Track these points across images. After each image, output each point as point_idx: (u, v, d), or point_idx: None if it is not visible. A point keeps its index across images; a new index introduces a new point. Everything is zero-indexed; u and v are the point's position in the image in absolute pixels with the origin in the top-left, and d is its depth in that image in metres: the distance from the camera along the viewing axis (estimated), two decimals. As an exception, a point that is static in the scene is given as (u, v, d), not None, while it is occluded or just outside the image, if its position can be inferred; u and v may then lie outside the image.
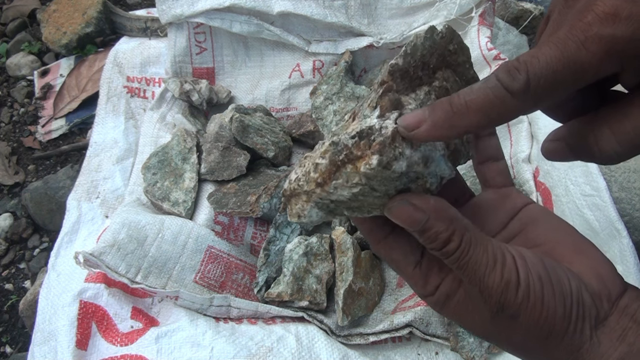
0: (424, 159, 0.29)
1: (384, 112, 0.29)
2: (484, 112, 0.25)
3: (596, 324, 0.28)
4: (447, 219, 0.28)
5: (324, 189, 0.29)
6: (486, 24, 0.88)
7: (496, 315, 0.28)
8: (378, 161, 0.27)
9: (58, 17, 1.07)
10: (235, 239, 0.79)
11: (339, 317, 0.69)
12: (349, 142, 0.28)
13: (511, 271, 0.27)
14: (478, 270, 0.27)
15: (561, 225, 0.33)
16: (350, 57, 0.92)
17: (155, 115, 0.91)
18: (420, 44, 0.30)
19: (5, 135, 1.03)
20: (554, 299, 0.28)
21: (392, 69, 0.30)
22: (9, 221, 0.92)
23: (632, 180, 0.67)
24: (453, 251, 0.27)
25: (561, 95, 0.25)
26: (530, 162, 0.81)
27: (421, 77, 0.31)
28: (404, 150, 0.27)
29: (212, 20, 0.90)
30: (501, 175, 0.36)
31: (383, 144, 0.27)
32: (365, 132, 0.28)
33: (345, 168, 0.28)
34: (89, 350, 0.65)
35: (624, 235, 0.63)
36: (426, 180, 0.29)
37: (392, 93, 0.29)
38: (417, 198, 0.28)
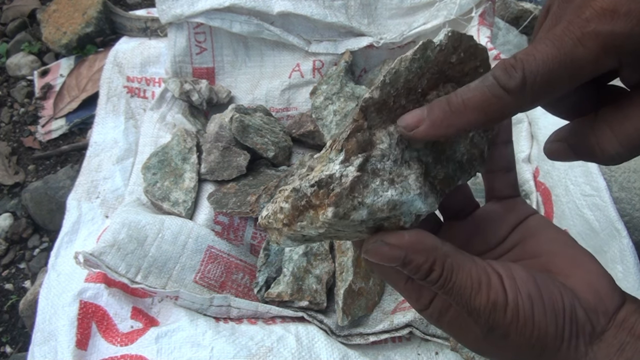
0: (390, 204, 0.27)
1: (349, 156, 0.27)
2: (481, 110, 0.25)
3: (591, 340, 0.28)
4: (425, 251, 0.27)
5: (292, 228, 0.29)
6: (486, 24, 0.88)
7: (487, 335, 0.28)
8: (333, 213, 0.26)
9: (58, 17, 1.07)
10: (235, 239, 0.79)
11: (339, 317, 0.69)
12: (308, 191, 0.28)
13: (497, 292, 0.27)
14: (464, 294, 0.27)
15: (560, 237, 0.32)
16: (350, 57, 0.92)
17: (155, 115, 0.92)
18: (404, 69, 0.29)
19: (5, 135, 1.03)
20: (545, 318, 0.27)
21: (366, 104, 0.28)
22: (9, 221, 0.92)
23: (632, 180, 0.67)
24: (436, 279, 0.27)
25: (558, 93, 0.25)
26: (530, 162, 0.81)
27: (404, 105, 0.29)
28: (364, 200, 0.27)
29: (212, 20, 0.90)
30: (509, 187, 0.35)
31: (340, 195, 0.26)
32: (324, 181, 0.27)
33: (308, 212, 0.28)
34: (89, 350, 0.65)
35: (624, 235, 0.63)
36: (399, 219, 0.28)
37: (361, 133, 0.28)
38: (391, 236, 0.28)
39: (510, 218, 0.34)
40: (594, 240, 0.67)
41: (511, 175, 0.35)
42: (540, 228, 0.33)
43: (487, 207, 0.35)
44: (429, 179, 0.30)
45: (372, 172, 0.28)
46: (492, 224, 0.34)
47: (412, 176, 0.29)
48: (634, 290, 0.61)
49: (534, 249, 0.32)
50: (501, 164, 0.34)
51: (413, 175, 0.29)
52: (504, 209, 0.34)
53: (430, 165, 0.30)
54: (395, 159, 0.28)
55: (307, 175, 0.29)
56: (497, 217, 0.34)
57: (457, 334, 0.31)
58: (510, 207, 0.34)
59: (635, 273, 0.61)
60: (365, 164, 0.27)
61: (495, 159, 0.34)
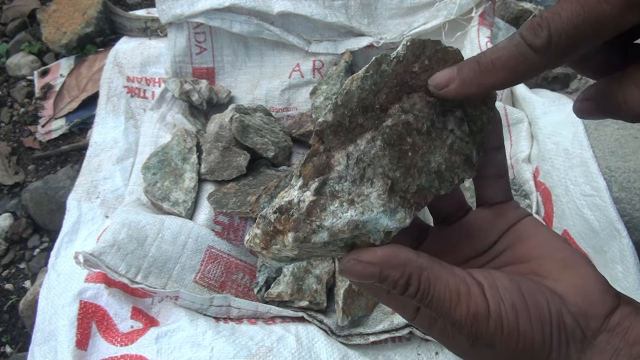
0: (351, 225, 0.28)
1: (306, 181, 0.28)
2: (509, 69, 0.26)
3: (583, 346, 0.28)
4: (400, 265, 0.27)
5: (269, 251, 0.30)
6: (486, 24, 0.88)
7: (473, 345, 0.28)
8: (294, 238, 0.27)
9: (58, 17, 1.07)
10: (235, 239, 0.79)
11: (339, 317, 0.69)
12: (272, 218, 0.29)
13: (478, 302, 0.27)
14: (443, 307, 0.27)
15: (550, 241, 0.32)
16: (350, 57, 0.92)
17: (155, 115, 0.92)
18: (356, 89, 0.29)
19: (5, 135, 1.03)
20: (530, 327, 0.27)
21: (320, 128, 0.28)
22: (9, 221, 0.92)
23: (632, 180, 0.67)
24: (414, 293, 0.27)
25: (584, 50, 0.25)
26: (530, 162, 0.81)
27: (362, 123, 0.29)
28: (322, 223, 0.27)
29: (212, 20, 0.90)
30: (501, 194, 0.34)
31: (298, 220, 0.27)
32: (284, 207, 0.28)
33: (278, 237, 0.29)
34: (89, 350, 0.65)
35: (624, 235, 0.63)
36: (368, 237, 0.28)
37: (317, 157, 0.28)
38: (363, 254, 0.28)
39: (499, 224, 0.33)
40: (594, 240, 0.67)
41: (503, 181, 0.34)
42: (530, 232, 0.32)
43: (477, 213, 0.34)
44: (399, 194, 0.29)
45: (330, 194, 0.28)
46: (481, 230, 0.34)
47: (373, 194, 0.28)
48: (634, 290, 0.61)
49: (523, 253, 0.32)
50: (492, 171, 0.34)
51: (375, 192, 0.28)
52: (494, 215, 0.34)
53: (398, 179, 0.29)
54: (354, 179, 0.28)
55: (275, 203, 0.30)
56: (486, 222, 0.34)
57: (447, 343, 0.31)
58: (501, 213, 0.34)
59: (635, 273, 0.61)
60: (323, 187, 0.28)
61: (485, 166, 0.33)
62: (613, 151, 0.70)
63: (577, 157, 0.72)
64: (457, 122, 0.31)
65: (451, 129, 0.31)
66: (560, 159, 0.74)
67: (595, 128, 0.73)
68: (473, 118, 0.32)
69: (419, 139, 0.30)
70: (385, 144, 0.29)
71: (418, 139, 0.30)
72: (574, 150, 0.72)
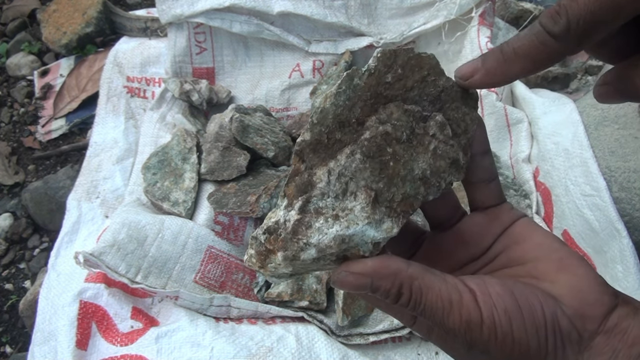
0: (337, 239, 0.28)
1: (291, 200, 0.29)
2: (531, 57, 0.27)
3: (580, 348, 0.27)
4: (390, 275, 0.27)
5: (266, 270, 0.30)
6: (486, 24, 0.88)
7: (469, 351, 0.28)
8: (283, 257, 0.28)
9: (58, 17, 1.07)
10: (235, 239, 0.79)
11: (339, 317, 0.69)
12: (262, 238, 0.29)
13: (470, 310, 0.27)
14: (436, 315, 0.27)
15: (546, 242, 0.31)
16: (350, 57, 0.92)
17: (155, 115, 0.91)
18: (330, 105, 0.29)
19: (5, 135, 1.03)
20: (525, 332, 0.27)
21: (299, 147, 0.29)
22: (9, 221, 0.92)
23: (632, 180, 0.67)
24: (407, 303, 0.27)
25: (602, 34, 0.25)
26: (530, 162, 0.81)
27: (341, 139, 0.29)
28: (309, 240, 0.28)
29: (212, 20, 0.90)
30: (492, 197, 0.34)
31: (285, 239, 0.28)
32: (272, 228, 0.29)
33: (271, 255, 0.29)
34: (89, 350, 0.65)
35: (624, 235, 0.63)
36: (358, 249, 0.29)
37: (299, 176, 0.29)
38: (354, 265, 0.28)
39: (493, 227, 0.33)
40: (594, 240, 0.67)
41: (493, 185, 0.34)
42: (525, 234, 0.32)
43: (471, 218, 0.34)
44: (384, 204, 0.29)
45: (314, 211, 0.29)
46: (476, 235, 0.34)
47: (357, 207, 0.29)
48: (634, 290, 0.61)
49: (518, 255, 0.31)
50: (481, 176, 0.33)
51: (359, 206, 0.29)
52: (488, 219, 0.33)
53: (381, 190, 0.29)
54: (336, 195, 0.29)
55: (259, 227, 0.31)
56: (480, 227, 0.34)
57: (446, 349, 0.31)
58: (494, 216, 0.33)
59: (635, 273, 0.61)
60: (307, 205, 0.28)
61: (473, 171, 0.33)
62: (613, 151, 0.70)
63: (577, 157, 0.72)
64: (438, 126, 0.31)
65: (433, 134, 0.31)
66: (560, 159, 0.74)
67: (595, 128, 0.73)
68: (455, 121, 0.31)
69: (399, 148, 0.30)
70: (365, 157, 0.29)
71: (398, 147, 0.30)
72: (574, 150, 0.72)
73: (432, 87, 0.31)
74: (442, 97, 0.31)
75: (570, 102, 0.80)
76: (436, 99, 0.31)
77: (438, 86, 0.31)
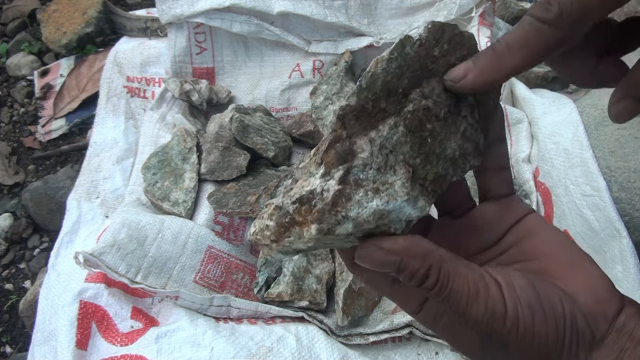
0: (376, 214, 0.26)
1: (329, 169, 0.26)
2: (526, 48, 0.26)
3: (591, 348, 0.28)
4: (421, 255, 0.27)
5: (280, 244, 0.28)
6: (486, 24, 0.88)
7: (485, 344, 0.27)
8: (317, 230, 0.26)
9: (58, 17, 1.07)
10: (235, 239, 0.79)
11: (339, 317, 0.69)
12: (290, 209, 0.27)
13: (496, 301, 0.27)
14: (460, 302, 0.26)
15: (557, 239, 0.32)
16: (350, 57, 0.92)
17: (155, 115, 0.91)
18: (381, 71, 0.28)
19: (5, 135, 1.03)
20: (545, 326, 0.27)
21: (343, 112, 0.27)
22: (9, 221, 0.92)
23: (632, 180, 0.67)
24: (432, 285, 0.27)
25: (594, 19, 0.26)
26: (530, 162, 0.81)
27: (385, 108, 0.28)
28: (348, 213, 0.26)
29: (212, 20, 0.90)
30: (505, 186, 0.34)
31: (322, 211, 0.26)
32: (305, 197, 0.26)
33: (294, 228, 0.27)
34: (89, 350, 0.65)
35: (624, 235, 0.63)
36: (389, 227, 0.27)
37: (340, 143, 0.27)
38: (385, 241, 0.27)
39: (507, 217, 0.33)
40: (594, 240, 0.67)
41: (506, 173, 0.34)
42: (537, 229, 0.32)
43: (483, 207, 0.34)
44: (419, 182, 0.28)
45: (354, 183, 0.26)
46: (488, 224, 0.33)
47: (398, 182, 0.27)
48: (634, 290, 0.61)
49: (530, 250, 0.31)
50: (495, 163, 0.34)
51: (399, 181, 0.27)
52: (501, 208, 0.33)
53: (418, 167, 0.28)
54: (379, 167, 0.27)
55: (290, 189, 0.28)
56: (494, 216, 0.33)
57: (452, 340, 0.30)
58: (507, 206, 0.33)
59: (635, 273, 0.61)
60: (347, 175, 0.26)
61: (488, 157, 0.33)
62: (613, 151, 0.70)
63: (577, 157, 0.72)
64: (469, 108, 0.31)
65: (464, 115, 0.30)
66: (560, 159, 0.74)
67: (595, 128, 0.73)
68: (483, 104, 0.31)
69: (437, 125, 0.29)
70: (407, 130, 0.28)
71: (437, 125, 0.29)
72: (574, 150, 0.72)
73: None
74: None
75: (570, 102, 0.80)
76: None
77: None
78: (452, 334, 0.29)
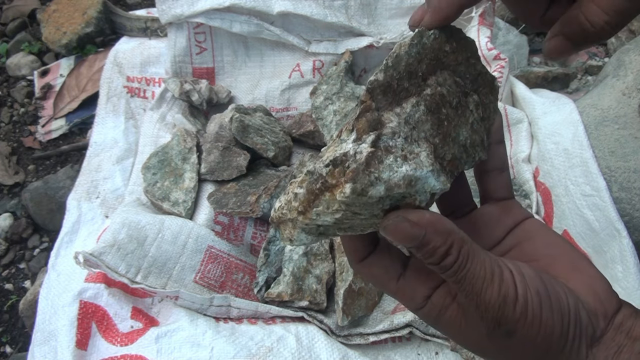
0: (406, 179, 0.27)
1: (360, 134, 0.28)
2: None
3: (592, 342, 0.28)
4: (444, 233, 0.27)
5: (307, 216, 0.29)
6: (486, 24, 0.88)
7: (492, 332, 0.28)
8: (352, 189, 0.26)
9: (58, 17, 1.07)
10: (235, 239, 0.79)
11: (339, 317, 0.69)
12: (323, 171, 0.28)
13: (509, 286, 0.27)
14: (475, 285, 0.27)
15: (557, 241, 0.32)
16: (350, 57, 0.92)
17: (155, 115, 0.91)
18: (404, 53, 0.30)
19: (5, 135, 1.03)
20: (551, 316, 0.27)
21: (372, 86, 0.29)
22: (9, 221, 0.92)
23: (632, 180, 0.67)
24: (451, 265, 0.27)
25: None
26: (530, 162, 0.81)
27: (407, 88, 0.30)
28: (380, 175, 0.27)
29: (212, 20, 0.90)
30: (504, 188, 0.35)
31: (356, 171, 0.26)
32: (339, 159, 0.27)
33: (324, 195, 0.28)
34: (89, 350, 0.65)
35: (624, 235, 0.63)
36: (415, 198, 0.28)
37: (370, 113, 0.28)
38: (412, 213, 0.27)
39: (506, 220, 0.34)
40: (594, 240, 0.67)
41: (505, 175, 0.35)
42: (537, 231, 0.33)
43: (484, 209, 0.35)
44: (439, 160, 0.30)
45: (384, 149, 0.28)
46: (489, 226, 0.34)
47: (423, 153, 0.29)
48: (634, 290, 0.61)
49: (531, 252, 0.32)
50: (495, 164, 0.35)
51: (424, 152, 0.29)
52: (501, 211, 0.34)
53: (438, 146, 0.30)
54: (406, 136, 0.28)
55: (318, 160, 0.30)
56: (494, 218, 0.34)
57: (456, 333, 0.30)
58: (507, 209, 0.34)
59: (635, 273, 0.61)
60: (378, 141, 0.27)
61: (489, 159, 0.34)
62: (613, 151, 0.70)
63: (577, 157, 0.72)
64: (474, 105, 0.32)
65: (471, 110, 0.32)
66: (560, 159, 0.74)
67: (595, 128, 0.73)
68: (485, 106, 0.33)
69: (450, 112, 0.31)
70: (427, 110, 0.30)
71: (450, 111, 0.31)
72: (574, 150, 0.72)
73: (472, 68, 0.33)
74: (479, 80, 0.33)
75: (570, 102, 0.80)
76: (474, 80, 0.33)
77: (476, 69, 0.33)
78: (457, 326, 0.30)
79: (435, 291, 0.30)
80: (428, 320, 0.31)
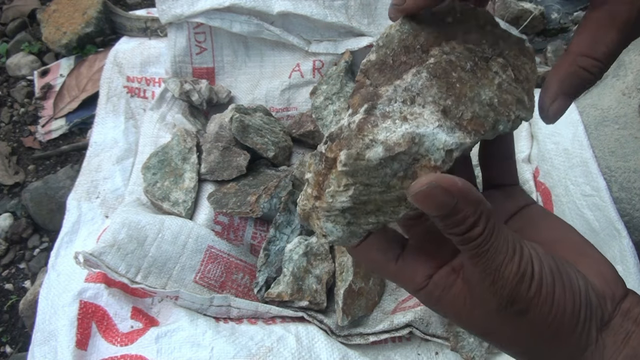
0: (407, 137, 0.26)
1: (355, 108, 0.28)
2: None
3: (601, 325, 0.28)
4: (475, 202, 0.26)
5: (323, 200, 0.28)
6: (486, 24, 0.88)
7: (504, 309, 0.27)
8: (347, 155, 0.26)
9: (58, 17, 1.07)
10: (235, 239, 0.79)
11: (339, 317, 0.69)
12: (323, 148, 0.28)
13: (528, 263, 0.26)
14: (496, 259, 0.26)
15: (562, 226, 0.32)
16: (350, 57, 0.92)
17: (155, 115, 0.92)
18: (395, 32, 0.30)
19: (5, 135, 1.03)
20: (564, 296, 0.27)
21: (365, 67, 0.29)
22: (9, 221, 0.92)
23: (632, 180, 0.67)
24: (476, 236, 0.26)
25: None
26: (530, 162, 0.81)
27: (406, 61, 0.30)
28: (375, 137, 0.26)
29: (212, 20, 0.90)
30: (509, 175, 0.35)
31: (349, 137, 0.26)
32: (334, 133, 0.27)
33: (331, 174, 0.28)
34: (89, 350, 0.65)
35: (624, 235, 0.63)
36: (428, 158, 0.27)
37: (364, 88, 0.29)
38: (444, 180, 0.26)
39: (508, 205, 0.34)
40: (594, 240, 0.67)
41: (510, 163, 0.35)
42: (540, 216, 0.33)
43: (486, 193, 0.35)
44: (454, 120, 0.29)
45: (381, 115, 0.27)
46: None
47: (426, 112, 0.28)
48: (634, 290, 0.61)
49: (534, 236, 0.32)
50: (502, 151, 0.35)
51: (427, 111, 0.28)
52: (503, 196, 0.34)
53: (451, 107, 0.29)
54: (404, 100, 0.28)
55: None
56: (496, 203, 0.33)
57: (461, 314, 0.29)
58: (509, 195, 0.34)
59: (635, 273, 0.62)
60: (372, 109, 0.27)
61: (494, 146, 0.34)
62: (613, 151, 0.70)
63: (577, 157, 0.72)
64: (500, 66, 0.32)
65: (496, 71, 0.31)
66: (560, 159, 0.74)
67: (595, 128, 0.73)
68: (517, 67, 0.32)
69: (464, 75, 0.30)
70: (431, 76, 0.29)
71: (463, 74, 0.30)
72: (574, 150, 0.72)
73: (490, 34, 0.32)
74: (501, 44, 0.32)
75: (570, 102, 0.79)
76: (495, 44, 0.32)
77: (495, 34, 0.32)
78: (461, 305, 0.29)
79: (438, 271, 0.30)
80: (429, 301, 0.30)
